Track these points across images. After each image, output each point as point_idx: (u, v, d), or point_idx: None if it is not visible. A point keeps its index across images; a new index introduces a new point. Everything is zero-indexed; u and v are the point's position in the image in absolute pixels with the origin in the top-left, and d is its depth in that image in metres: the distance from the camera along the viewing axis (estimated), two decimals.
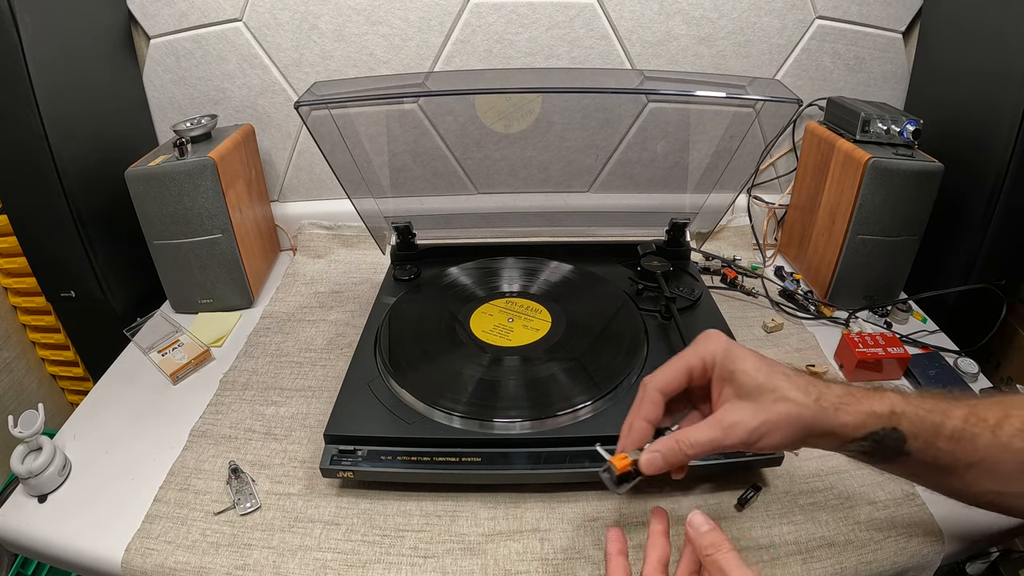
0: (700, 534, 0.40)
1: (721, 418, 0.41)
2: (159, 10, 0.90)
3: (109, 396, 0.74)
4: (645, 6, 0.89)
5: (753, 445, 0.40)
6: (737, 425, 0.40)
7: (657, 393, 0.44)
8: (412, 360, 0.68)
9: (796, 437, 0.40)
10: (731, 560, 0.38)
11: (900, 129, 0.79)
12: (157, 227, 0.82)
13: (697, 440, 0.41)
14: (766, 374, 0.41)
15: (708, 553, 0.39)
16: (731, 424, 0.40)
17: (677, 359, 0.45)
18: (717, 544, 0.39)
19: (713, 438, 0.40)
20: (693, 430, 0.41)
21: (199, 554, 0.54)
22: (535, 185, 1.02)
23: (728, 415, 0.41)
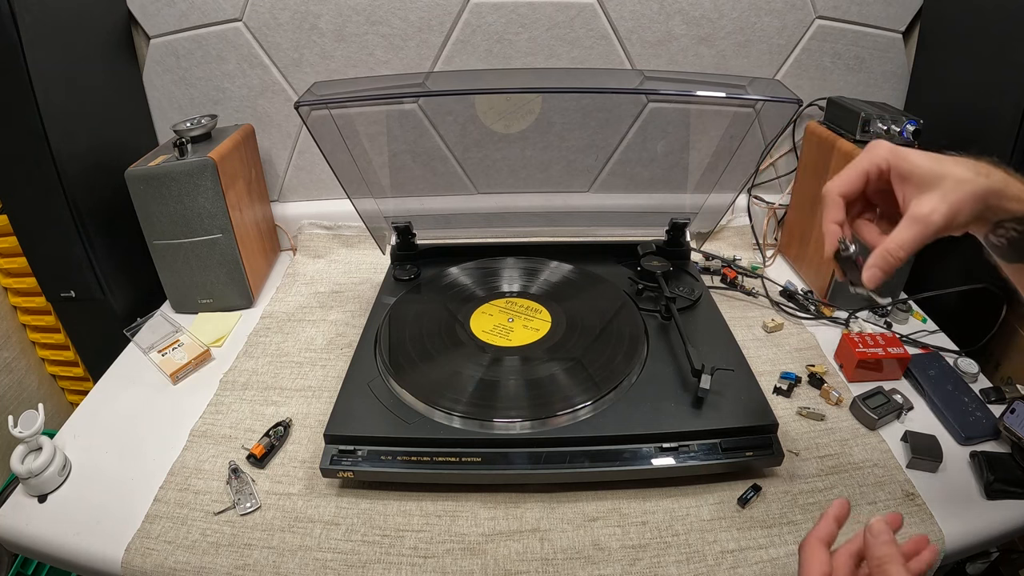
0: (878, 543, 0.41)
1: (915, 211, 0.43)
2: (159, 10, 0.90)
3: (109, 396, 0.74)
4: (645, 6, 0.89)
5: (949, 228, 0.43)
6: (933, 212, 0.42)
7: (837, 196, 0.47)
8: (412, 360, 0.68)
9: (978, 211, 0.43)
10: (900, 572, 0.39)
11: (900, 129, 0.79)
12: (157, 227, 0.82)
13: (903, 239, 0.43)
14: (937, 162, 0.43)
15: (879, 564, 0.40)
16: (927, 213, 0.42)
17: (851, 165, 0.47)
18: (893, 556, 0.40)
19: (915, 232, 0.43)
20: (896, 233, 0.43)
21: (199, 554, 0.54)
22: (535, 185, 1.02)
23: (920, 207, 0.42)
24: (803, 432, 0.66)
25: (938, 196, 0.42)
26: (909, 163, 0.43)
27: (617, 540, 0.55)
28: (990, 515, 0.57)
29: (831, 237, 0.47)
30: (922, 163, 0.43)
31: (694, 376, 0.62)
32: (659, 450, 0.58)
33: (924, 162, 0.43)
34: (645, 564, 0.53)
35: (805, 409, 0.68)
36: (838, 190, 0.46)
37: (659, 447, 0.58)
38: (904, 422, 0.68)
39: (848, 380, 0.74)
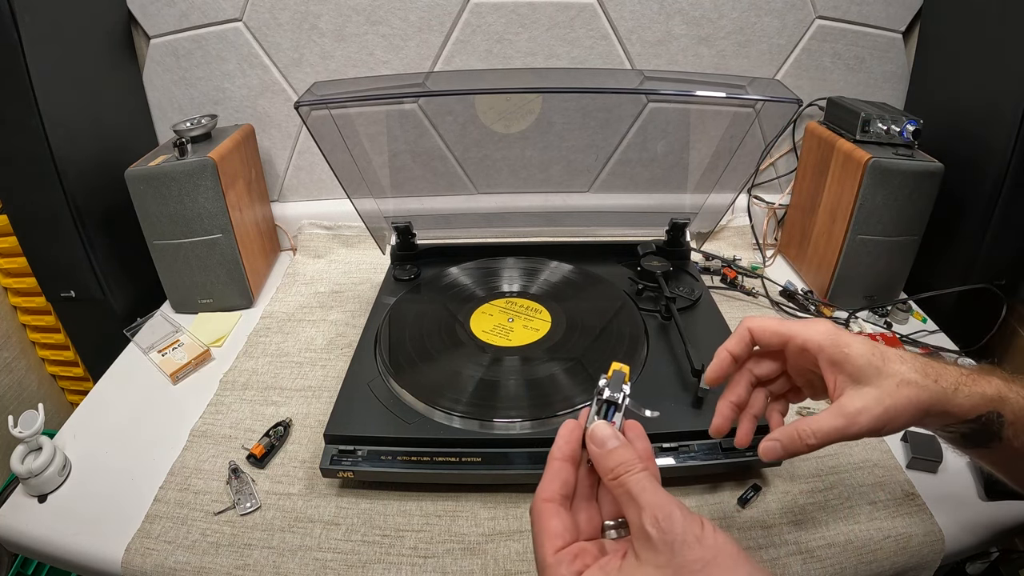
0: (605, 452, 0.35)
1: (844, 406, 0.39)
2: (159, 10, 0.90)
3: (109, 396, 0.74)
4: (645, 6, 0.89)
5: (877, 432, 0.39)
6: (862, 413, 0.38)
7: (746, 330, 0.44)
8: (412, 360, 0.68)
9: (916, 419, 0.39)
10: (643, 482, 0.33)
11: (900, 129, 0.79)
12: (157, 227, 0.82)
13: (820, 429, 0.39)
14: (881, 358, 0.39)
15: (614, 476, 0.34)
16: (855, 412, 0.38)
17: (781, 322, 0.44)
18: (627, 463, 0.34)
19: (837, 427, 0.39)
20: (816, 419, 0.39)
21: (199, 554, 0.54)
22: (535, 185, 1.02)
23: (851, 402, 0.39)
24: None
25: (873, 396, 0.38)
26: (852, 354, 0.40)
27: None
28: (990, 515, 0.57)
29: (718, 364, 0.44)
30: (862, 353, 0.39)
31: (694, 376, 0.62)
32: (659, 450, 0.58)
33: (864, 352, 0.40)
34: None
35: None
36: (751, 325, 0.44)
37: (659, 447, 0.58)
38: None
39: None
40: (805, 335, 0.42)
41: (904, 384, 0.39)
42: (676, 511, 0.31)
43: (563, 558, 0.33)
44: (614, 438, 0.36)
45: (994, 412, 0.40)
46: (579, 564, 0.33)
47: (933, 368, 0.40)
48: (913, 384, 0.39)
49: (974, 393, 0.39)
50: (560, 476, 0.36)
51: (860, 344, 0.40)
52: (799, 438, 0.40)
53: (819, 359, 0.41)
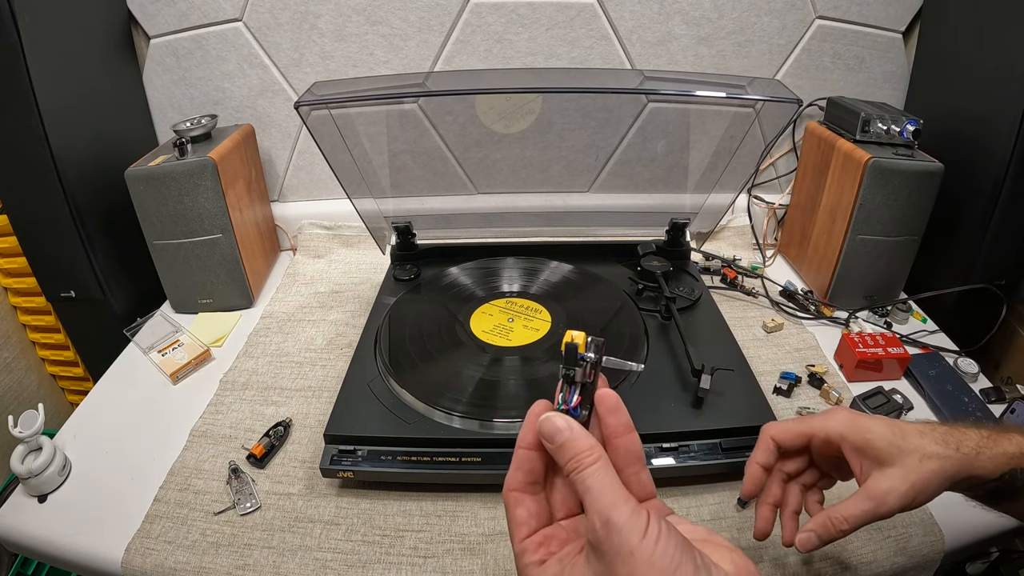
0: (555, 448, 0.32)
1: (871, 488, 0.41)
2: (159, 10, 0.90)
3: (109, 396, 0.74)
4: (645, 6, 0.89)
5: (907, 508, 0.40)
6: (889, 493, 0.40)
7: (769, 439, 0.45)
8: (412, 360, 0.68)
9: (943, 488, 0.41)
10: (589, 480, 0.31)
11: (900, 129, 0.79)
12: (157, 227, 0.82)
13: (850, 514, 0.41)
14: (901, 436, 0.41)
15: (567, 472, 0.32)
16: (883, 493, 0.40)
17: (800, 420, 0.45)
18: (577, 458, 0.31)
19: (867, 510, 0.40)
20: (845, 505, 0.41)
21: (199, 554, 0.54)
22: (535, 185, 1.02)
23: (878, 484, 0.40)
24: None
25: (899, 475, 0.40)
26: (873, 437, 0.41)
27: None
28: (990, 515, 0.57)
29: (750, 479, 0.46)
30: (882, 435, 0.41)
31: (694, 376, 0.62)
32: (659, 450, 0.58)
33: (884, 435, 0.41)
34: None
35: (805, 409, 0.68)
36: (772, 434, 0.45)
37: (659, 447, 0.58)
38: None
39: (848, 380, 0.74)
40: (826, 429, 0.43)
41: (927, 458, 0.40)
42: (615, 516, 0.29)
43: (527, 546, 0.33)
44: (563, 430, 0.33)
45: (1018, 469, 0.41)
46: (543, 552, 0.33)
47: (953, 436, 0.41)
48: (936, 456, 0.40)
49: (996, 454, 0.40)
50: (524, 465, 0.35)
51: (879, 426, 0.42)
52: (832, 526, 0.41)
53: (843, 448, 0.43)
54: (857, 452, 0.42)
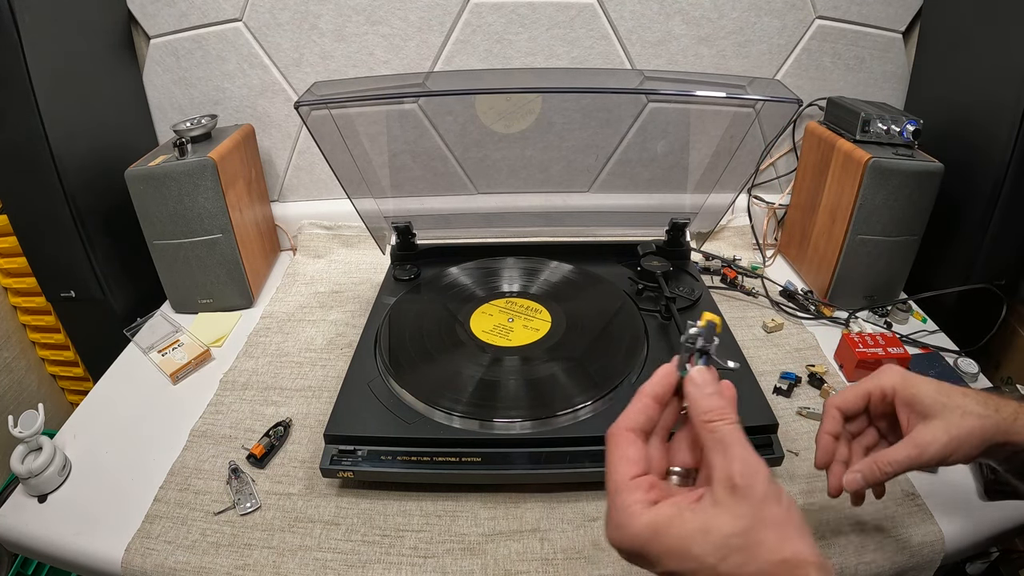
0: (704, 395, 0.36)
1: (915, 438, 0.43)
2: (159, 10, 0.90)
3: (109, 396, 0.74)
4: (645, 6, 0.89)
5: (946, 460, 0.43)
6: (931, 444, 0.42)
7: (834, 409, 0.48)
8: (412, 360, 0.68)
9: (980, 448, 0.43)
10: (736, 434, 0.34)
11: (900, 129, 0.79)
12: (157, 227, 0.82)
13: (895, 459, 0.44)
14: (946, 394, 0.44)
15: (709, 419, 0.35)
16: (925, 443, 0.43)
17: (857, 385, 0.48)
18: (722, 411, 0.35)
19: (910, 456, 0.43)
20: (891, 451, 0.44)
21: (199, 554, 0.54)
22: (535, 185, 1.02)
23: (921, 435, 0.43)
24: (803, 432, 0.66)
25: (941, 427, 0.43)
26: (920, 393, 0.44)
27: None
28: (990, 515, 0.57)
29: (823, 450, 0.48)
30: (928, 392, 0.44)
31: None
32: None
33: (931, 391, 0.44)
34: None
35: (805, 409, 0.68)
36: (836, 404, 0.48)
37: None
38: None
39: (848, 380, 0.74)
40: (880, 385, 0.47)
41: (967, 415, 0.43)
42: (764, 470, 0.33)
43: (640, 484, 0.35)
44: (714, 383, 0.37)
45: None
46: (654, 494, 0.34)
47: (993, 400, 0.44)
48: (975, 415, 0.43)
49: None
50: (647, 411, 0.38)
51: (927, 384, 0.45)
52: (878, 468, 0.44)
53: (895, 401, 0.46)
54: (905, 405, 0.45)
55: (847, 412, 0.48)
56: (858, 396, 0.48)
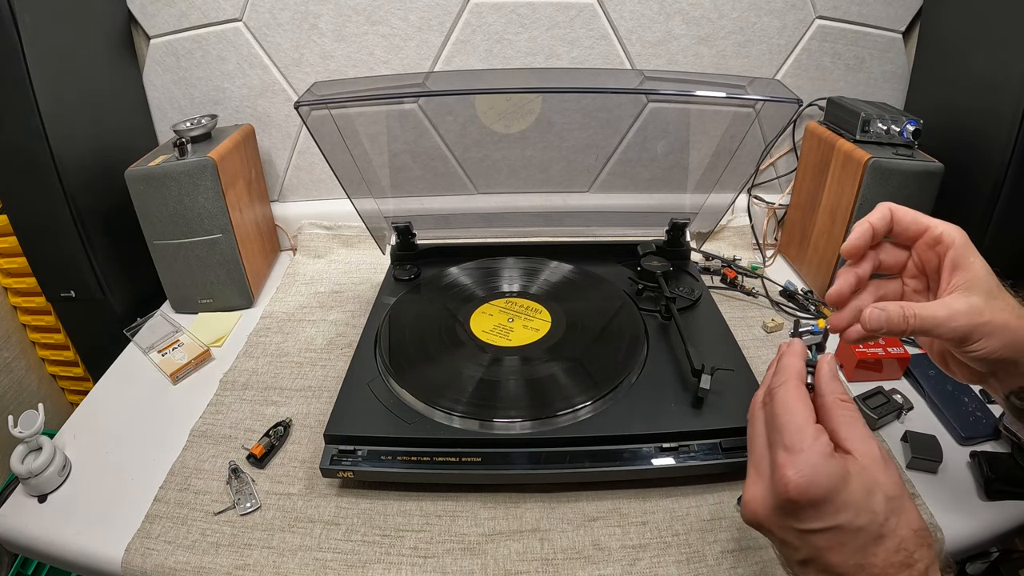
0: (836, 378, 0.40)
1: (950, 303, 0.41)
2: (159, 10, 0.90)
3: (109, 396, 0.74)
4: (645, 6, 0.89)
5: (966, 342, 0.40)
6: (962, 314, 0.40)
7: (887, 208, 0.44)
8: (412, 360, 0.68)
9: (1003, 350, 0.40)
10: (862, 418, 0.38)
11: (900, 129, 0.79)
12: (157, 227, 0.82)
13: (921, 313, 0.41)
14: (996, 281, 0.42)
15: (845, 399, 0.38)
16: (958, 311, 0.40)
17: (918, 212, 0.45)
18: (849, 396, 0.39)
19: (937, 316, 0.40)
20: (920, 304, 0.41)
21: (199, 554, 0.54)
22: (535, 185, 1.02)
23: (957, 302, 0.41)
24: None
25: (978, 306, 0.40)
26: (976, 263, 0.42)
27: (617, 540, 0.55)
28: (990, 515, 0.57)
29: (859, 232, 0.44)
30: (983, 267, 0.42)
31: (694, 376, 0.62)
32: (659, 450, 0.58)
33: (985, 267, 0.42)
34: (645, 564, 0.53)
35: None
36: (891, 205, 0.45)
37: (659, 447, 0.58)
38: (904, 422, 0.68)
39: (848, 380, 0.74)
40: (943, 228, 0.43)
41: (1006, 309, 0.40)
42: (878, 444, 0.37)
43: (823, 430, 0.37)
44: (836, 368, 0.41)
45: None
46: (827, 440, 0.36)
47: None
48: (1014, 314, 0.40)
49: None
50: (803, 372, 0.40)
51: (983, 261, 0.42)
52: (903, 313, 0.41)
53: (947, 255, 0.42)
54: (954, 268, 0.42)
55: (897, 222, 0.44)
56: (916, 220, 0.44)
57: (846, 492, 0.34)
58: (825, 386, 0.39)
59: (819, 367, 0.41)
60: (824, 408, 0.38)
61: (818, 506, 0.34)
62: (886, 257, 0.46)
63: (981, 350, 0.40)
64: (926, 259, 0.44)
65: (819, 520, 0.34)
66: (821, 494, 0.34)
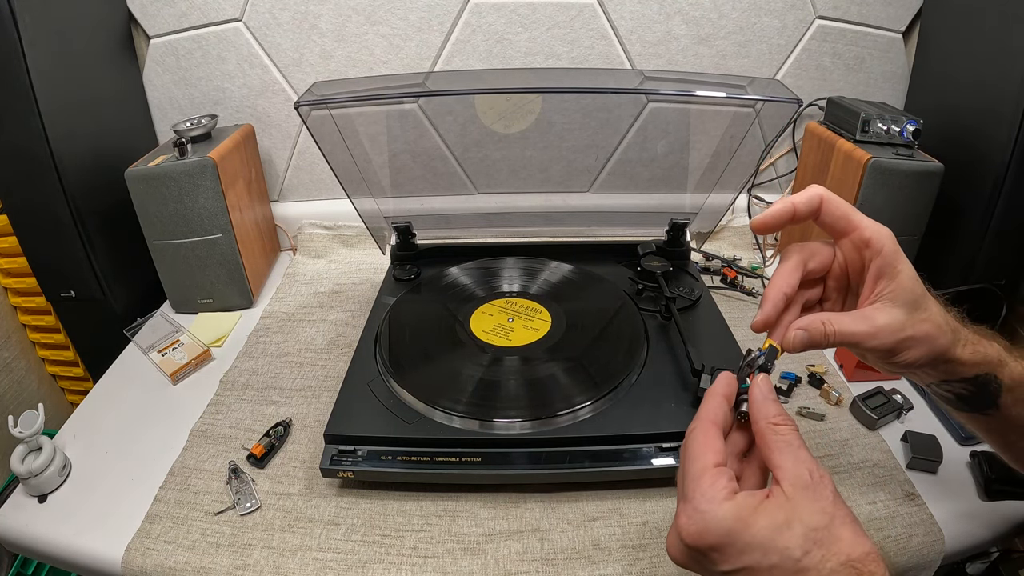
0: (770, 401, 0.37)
1: (873, 316, 0.39)
2: (159, 10, 0.90)
3: (109, 396, 0.74)
4: (645, 6, 0.89)
5: (890, 355, 0.39)
6: (885, 330, 0.38)
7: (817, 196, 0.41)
8: (412, 360, 0.68)
9: (926, 359, 0.39)
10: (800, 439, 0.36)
11: (900, 129, 0.79)
12: (157, 227, 0.82)
13: (843, 329, 0.39)
14: (922, 290, 0.40)
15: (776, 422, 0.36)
16: (881, 328, 0.38)
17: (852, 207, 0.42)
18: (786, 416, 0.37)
19: (858, 332, 0.39)
20: (842, 317, 0.39)
21: (199, 554, 0.54)
22: (535, 185, 1.02)
23: (880, 315, 0.39)
24: (803, 432, 0.64)
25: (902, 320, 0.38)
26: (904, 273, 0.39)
27: (617, 540, 0.55)
28: (990, 515, 0.57)
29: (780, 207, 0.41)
30: (911, 276, 0.40)
31: (694, 376, 0.62)
32: (659, 450, 0.58)
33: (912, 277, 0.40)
34: (645, 564, 0.53)
35: (805, 409, 0.68)
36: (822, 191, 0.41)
37: (659, 447, 0.58)
38: (904, 422, 0.68)
39: (848, 380, 0.74)
40: (873, 231, 0.40)
41: (929, 321, 0.39)
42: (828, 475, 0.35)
43: (724, 472, 0.35)
44: (774, 391, 0.39)
45: (992, 375, 0.41)
46: (734, 484, 0.35)
47: (951, 319, 0.41)
48: (935, 324, 0.39)
49: (977, 351, 0.40)
50: (721, 409, 0.39)
51: (910, 268, 0.40)
52: (823, 329, 0.39)
53: (874, 261, 0.40)
54: (880, 275, 0.40)
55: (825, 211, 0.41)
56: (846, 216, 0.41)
57: (748, 534, 0.33)
58: (756, 411, 0.38)
59: (750, 393, 0.38)
60: (758, 434, 0.37)
61: (720, 550, 0.33)
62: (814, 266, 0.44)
63: (904, 360, 0.39)
64: (851, 259, 0.42)
65: (726, 563, 0.33)
66: (716, 540, 0.33)
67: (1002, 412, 0.42)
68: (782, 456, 0.35)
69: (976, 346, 0.41)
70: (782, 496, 0.34)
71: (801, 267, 0.42)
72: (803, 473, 0.34)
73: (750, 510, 0.33)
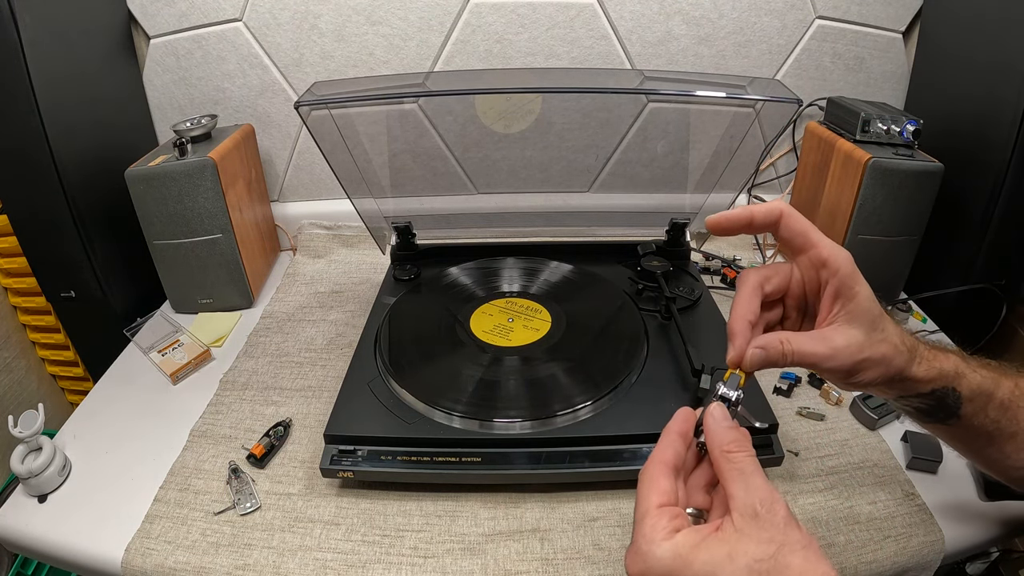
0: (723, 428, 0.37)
1: (831, 337, 0.39)
2: (159, 10, 0.90)
3: (109, 396, 0.74)
4: (645, 6, 0.89)
5: (849, 376, 0.39)
6: (843, 351, 0.39)
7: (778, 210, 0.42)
8: (412, 360, 0.68)
9: (883, 379, 0.40)
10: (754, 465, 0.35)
11: (900, 129, 0.79)
12: (157, 227, 0.82)
13: (801, 349, 0.39)
14: (879, 311, 0.40)
15: (728, 449, 0.36)
16: (839, 348, 0.39)
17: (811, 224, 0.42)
18: (741, 443, 0.36)
19: (816, 352, 0.39)
20: (801, 338, 0.39)
21: (199, 554, 0.54)
22: (535, 185, 1.02)
23: (838, 337, 0.39)
24: (803, 432, 0.66)
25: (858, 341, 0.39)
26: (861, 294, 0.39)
27: (617, 540, 0.55)
28: (990, 515, 0.57)
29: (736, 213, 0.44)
30: (868, 297, 0.39)
31: (694, 376, 0.62)
32: None
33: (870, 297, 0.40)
34: None
35: (805, 409, 0.68)
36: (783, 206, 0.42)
37: None
38: (904, 422, 0.68)
39: None
40: (832, 251, 0.41)
41: (886, 341, 0.39)
42: (781, 500, 0.34)
43: (665, 512, 0.35)
44: (730, 419, 0.38)
45: (949, 388, 0.41)
46: (678, 523, 0.35)
47: (908, 337, 0.41)
48: (892, 345, 0.40)
49: (933, 367, 0.41)
50: (673, 447, 0.38)
51: (867, 289, 0.40)
52: (781, 349, 0.39)
53: (831, 282, 0.40)
54: (839, 296, 0.40)
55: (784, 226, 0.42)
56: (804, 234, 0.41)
57: (689, 571, 0.32)
58: (710, 440, 0.37)
59: (704, 422, 0.38)
60: (714, 462, 0.37)
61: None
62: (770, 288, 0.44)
63: (861, 380, 0.40)
64: (808, 278, 0.42)
65: None
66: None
67: (964, 422, 0.43)
68: (734, 485, 0.34)
69: (932, 362, 0.41)
70: (730, 528, 0.33)
71: (759, 291, 0.42)
72: (753, 502, 0.33)
73: (689, 547, 0.33)
